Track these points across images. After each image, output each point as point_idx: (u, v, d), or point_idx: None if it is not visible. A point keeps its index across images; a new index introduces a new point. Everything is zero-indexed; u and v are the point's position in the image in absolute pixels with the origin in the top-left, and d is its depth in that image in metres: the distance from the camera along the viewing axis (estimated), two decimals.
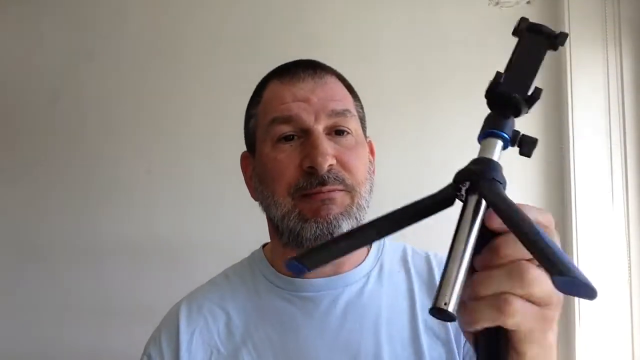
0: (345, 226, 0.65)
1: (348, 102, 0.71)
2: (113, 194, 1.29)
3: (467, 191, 0.40)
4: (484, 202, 0.39)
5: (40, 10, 1.32)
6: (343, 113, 0.68)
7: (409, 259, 0.74)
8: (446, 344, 0.67)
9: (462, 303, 0.37)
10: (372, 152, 0.76)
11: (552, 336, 0.40)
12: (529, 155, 0.43)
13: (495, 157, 0.42)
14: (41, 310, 1.27)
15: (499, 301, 0.37)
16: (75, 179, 1.30)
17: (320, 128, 0.67)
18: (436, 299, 0.36)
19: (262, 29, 1.32)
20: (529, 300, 0.37)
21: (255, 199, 0.73)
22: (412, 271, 0.73)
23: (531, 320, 0.38)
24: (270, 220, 0.71)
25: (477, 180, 0.40)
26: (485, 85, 0.43)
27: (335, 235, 0.64)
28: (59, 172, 1.30)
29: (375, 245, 0.75)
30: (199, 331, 0.70)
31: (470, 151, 0.46)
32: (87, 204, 1.29)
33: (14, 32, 1.32)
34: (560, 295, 0.37)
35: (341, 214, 0.65)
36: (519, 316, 0.37)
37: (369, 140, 0.76)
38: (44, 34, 1.32)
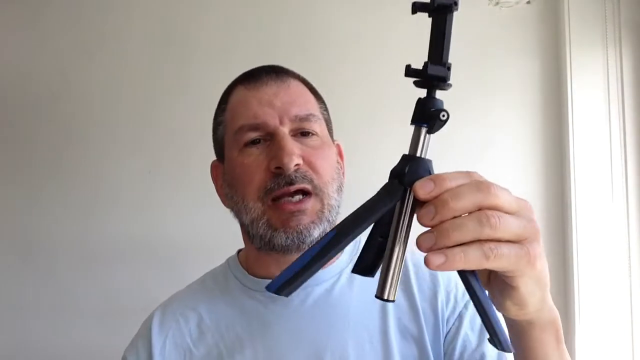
0: (316, 232, 0.66)
1: (312, 106, 0.72)
2: (114, 194, 1.29)
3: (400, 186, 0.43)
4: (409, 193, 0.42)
5: (41, 10, 1.33)
6: (307, 117, 0.69)
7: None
8: (418, 342, 0.68)
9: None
10: (340, 155, 0.78)
11: (541, 265, 0.41)
12: (431, 132, 0.45)
13: (418, 152, 0.44)
14: (42, 311, 1.27)
15: (478, 248, 0.38)
16: (76, 179, 1.30)
17: (285, 130, 0.68)
18: (382, 291, 0.41)
19: (269, 29, 1.33)
20: (509, 240, 0.39)
21: (227, 206, 0.74)
22: None
23: (516, 259, 0.39)
24: (242, 225, 0.72)
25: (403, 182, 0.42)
26: (485, 86, 0.44)
27: (306, 241, 0.66)
28: (59, 172, 1.30)
29: (352, 243, 0.76)
30: (171, 335, 0.72)
31: (471, 153, 0.47)
32: (88, 204, 1.29)
33: (14, 32, 1.32)
34: (536, 228, 0.41)
35: (312, 222, 0.66)
36: (506, 260, 0.39)
37: (337, 144, 0.78)
38: (44, 34, 1.32)
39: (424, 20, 1.46)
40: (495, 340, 0.42)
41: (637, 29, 1.27)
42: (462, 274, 0.41)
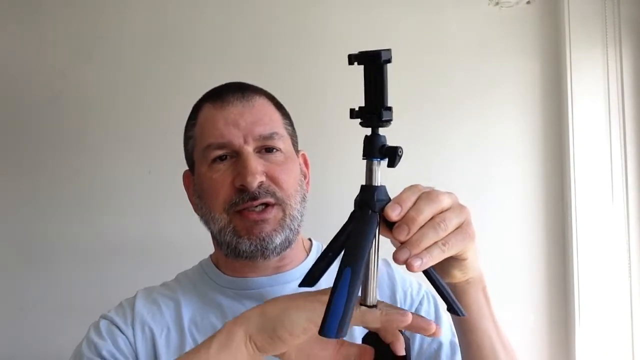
0: (278, 239, 0.73)
1: (275, 124, 0.77)
2: (114, 194, 1.29)
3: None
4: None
5: (41, 10, 1.32)
6: (270, 136, 0.75)
7: None
8: None
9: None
10: (306, 164, 0.84)
11: (475, 237, 0.55)
12: (393, 166, 0.51)
13: (377, 182, 0.52)
14: (41, 310, 1.27)
15: (437, 247, 0.50)
16: (76, 180, 1.29)
17: (250, 149, 0.73)
18: (365, 299, 0.52)
19: (266, 29, 1.32)
20: (455, 229, 0.52)
21: (197, 214, 0.81)
22: None
23: (462, 242, 0.52)
24: (210, 233, 0.79)
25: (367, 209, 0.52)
26: (485, 85, 0.44)
27: (269, 248, 0.73)
28: (59, 173, 1.30)
29: (315, 246, 0.84)
30: (152, 314, 0.77)
31: (470, 153, 0.48)
32: (88, 204, 1.29)
33: (13, 32, 1.32)
34: (466, 211, 0.53)
35: (274, 230, 0.73)
36: (456, 245, 0.51)
37: (302, 153, 0.83)
38: (44, 34, 1.32)
39: (423, 22, 1.46)
40: (456, 308, 0.54)
41: (637, 29, 1.27)
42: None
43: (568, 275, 1.26)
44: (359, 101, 0.54)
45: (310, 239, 0.87)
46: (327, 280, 0.75)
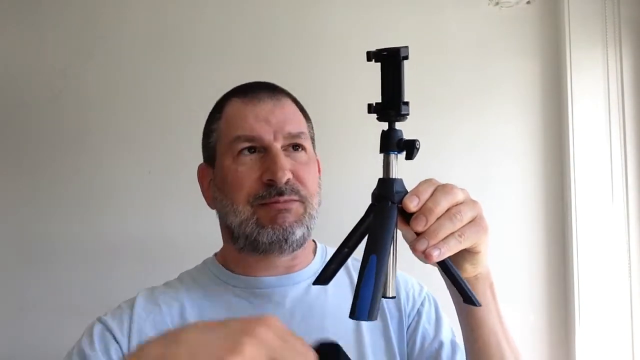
0: (299, 233, 0.74)
1: (302, 125, 0.79)
2: (114, 194, 1.29)
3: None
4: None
5: (41, 10, 1.33)
6: (298, 135, 0.77)
7: (350, 262, 0.81)
8: (385, 335, 0.77)
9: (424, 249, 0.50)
10: (318, 169, 0.84)
11: (488, 234, 0.56)
12: (411, 158, 0.54)
13: (394, 175, 0.54)
14: (41, 310, 1.27)
15: (453, 237, 0.52)
16: (76, 180, 1.29)
17: (278, 145, 0.74)
18: (385, 290, 0.51)
19: (266, 30, 1.32)
20: (469, 222, 0.53)
21: (212, 207, 0.82)
22: (352, 272, 0.82)
23: (477, 234, 0.54)
24: (227, 227, 0.78)
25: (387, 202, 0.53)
26: (485, 86, 0.45)
27: (289, 240, 0.74)
28: (59, 173, 1.30)
29: (320, 248, 0.85)
30: (152, 318, 0.76)
31: (470, 153, 0.48)
32: (88, 204, 1.29)
33: (13, 32, 1.32)
34: (479, 206, 0.55)
35: (295, 222, 0.74)
36: (471, 237, 0.53)
37: (317, 159, 0.84)
38: (44, 34, 1.32)
39: (423, 22, 1.46)
40: (473, 298, 0.55)
41: (637, 29, 1.27)
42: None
43: (568, 275, 1.26)
44: (359, 101, 0.54)
45: (314, 241, 0.87)
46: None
